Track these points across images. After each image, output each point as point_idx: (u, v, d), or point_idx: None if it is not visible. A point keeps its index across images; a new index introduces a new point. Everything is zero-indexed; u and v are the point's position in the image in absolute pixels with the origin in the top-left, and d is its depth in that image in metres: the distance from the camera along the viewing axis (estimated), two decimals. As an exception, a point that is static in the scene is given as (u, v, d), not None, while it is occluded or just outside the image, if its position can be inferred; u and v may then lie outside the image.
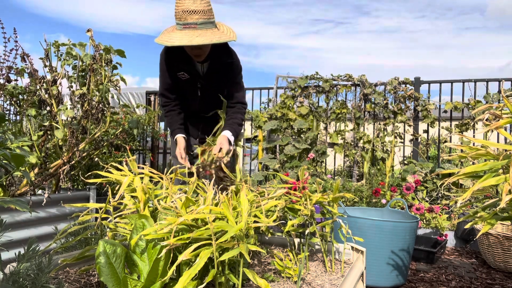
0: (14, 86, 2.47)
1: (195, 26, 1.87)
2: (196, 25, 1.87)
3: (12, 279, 0.93)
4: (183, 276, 0.94)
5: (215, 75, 2.18)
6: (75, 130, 2.41)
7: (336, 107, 4.72)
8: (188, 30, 1.88)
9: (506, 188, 1.09)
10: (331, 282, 1.36)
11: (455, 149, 1.36)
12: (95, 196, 2.60)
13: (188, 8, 1.86)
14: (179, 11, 1.89)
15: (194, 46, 1.96)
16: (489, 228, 1.23)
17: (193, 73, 2.17)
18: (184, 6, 1.86)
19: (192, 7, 1.86)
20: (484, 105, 1.92)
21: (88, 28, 2.48)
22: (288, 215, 1.55)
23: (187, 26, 1.88)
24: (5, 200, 0.96)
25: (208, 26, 1.90)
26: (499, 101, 4.04)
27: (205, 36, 1.87)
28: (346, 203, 3.69)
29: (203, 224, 1.09)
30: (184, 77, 2.18)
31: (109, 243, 1.03)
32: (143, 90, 6.16)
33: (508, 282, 2.54)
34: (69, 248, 1.52)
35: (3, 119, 1.02)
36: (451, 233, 3.52)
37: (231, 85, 2.24)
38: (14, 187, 2.21)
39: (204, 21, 1.89)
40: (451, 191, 3.73)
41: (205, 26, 1.89)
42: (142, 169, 1.40)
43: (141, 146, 5.48)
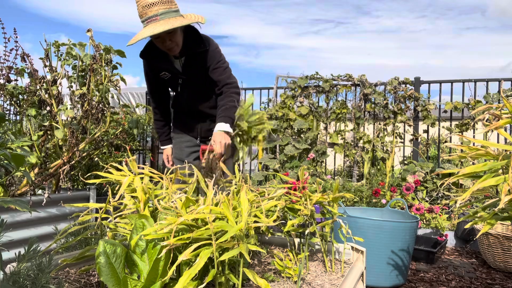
0: (14, 86, 2.47)
1: (156, 18, 1.88)
2: (157, 17, 1.88)
3: (13, 279, 0.93)
4: (183, 276, 0.94)
5: (193, 68, 2.15)
6: (75, 130, 2.41)
7: (336, 107, 4.73)
8: (151, 24, 1.88)
9: (505, 188, 1.09)
10: (331, 282, 1.36)
11: (455, 149, 1.36)
12: (95, 196, 2.60)
13: (146, 2, 1.87)
14: (140, 8, 1.90)
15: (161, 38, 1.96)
16: (489, 228, 1.23)
17: (173, 71, 2.17)
18: (143, 2, 1.88)
19: (150, 0, 1.87)
20: (484, 105, 1.92)
21: (88, 28, 2.48)
22: (288, 215, 1.55)
23: (150, 20, 1.89)
24: (5, 200, 0.96)
25: (170, 15, 1.90)
26: (499, 101, 4.04)
27: (166, 24, 1.86)
28: (346, 203, 3.69)
29: (203, 224, 1.09)
30: (166, 76, 2.19)
31: (109, 243, 1.03)
32: (143, 90, 6.16)
33: (508, 282, 2.54)
34: (69, 248, 1.52)
35: (3, 119, 1.02)
36: (451, 233, 3.52)
37: (212, 71, 2.15)
38: (14, 187, 2.21)
39: (165, 11, 1.89)
40: (451, 191, 3.73)
41: (167, 16, 1.89)
42: (142, 169, 1.41)
43: (141, 146, 5.48)
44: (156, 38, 1.97)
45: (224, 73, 2.15)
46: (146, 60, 2.18)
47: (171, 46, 2.01)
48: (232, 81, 2.17)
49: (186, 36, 2.07)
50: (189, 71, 2.16)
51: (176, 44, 2.02)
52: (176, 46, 2.02)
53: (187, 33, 2.08)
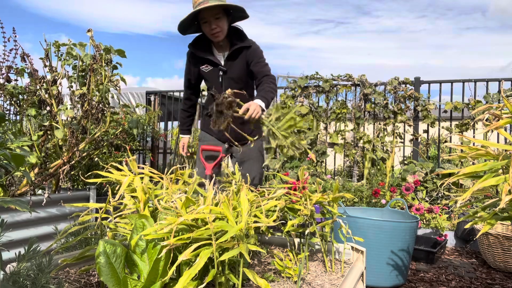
0: (14, 86, 2.47)
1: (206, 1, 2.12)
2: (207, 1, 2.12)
3: (13, 279, 0.93)
4: (183, 276, 0.94)
5: (234, 63, 2.30)
6: (75, 130, 2.41)
7: (336, 107, 4.72)
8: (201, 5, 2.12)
9: (506, 188, 1.09)
10: (331, 282, 1.36)
11: (455, 149, 1.36)
12: (95, 196, 2.60)
13: None
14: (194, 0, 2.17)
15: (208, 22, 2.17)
16: (489, 228, 1.23)
17: (215, 63, 2.32)
18: None
19: None
20: (484, 105, 1.92)
21: (88, 28, 2.48)
22: (288, 215, 1.55)
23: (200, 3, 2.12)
24: (5, 200, 0.96)
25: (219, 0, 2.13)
26: (499, 101, 4.04)
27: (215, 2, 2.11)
28: (346, 203, 3.69)
29: (203, 224, 1.09)
30: (207, 69, 2.34)
31: (109, 243, 1.03)
32: (143, 90, 6.16)
33: (508, 282, 2.54)
34: (69, 248, 1.52)
35: (3, 119, 1.02)
36: (451, 233, 3.52)
37: (254, 65, 2.28)
38: (14, 187, 2.21)
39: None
40: (451, 191, 3.73)
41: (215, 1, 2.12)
42: (142, 169, 1.41)
43: (141, 146, 5.49)
44: (204, 22, 2.20)
45: (265, 67, 2.30)
46: (194, 48, 2.34)
47: (217, 31, 2.20)
48: (272, 75, 2.29)
49: (231, 33, 2.29)
50: (230, 65, 2.31)
51: (221, 30, 2.21)
52: (221, 32, 2.21)
53: (233, 31, 2.30)
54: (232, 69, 2.32)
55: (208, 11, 2.15)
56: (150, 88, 6.27)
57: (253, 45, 2.31)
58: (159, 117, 5.73)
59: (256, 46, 2.33)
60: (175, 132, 5.43)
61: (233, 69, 2.32)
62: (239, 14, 2.28)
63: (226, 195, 1.16)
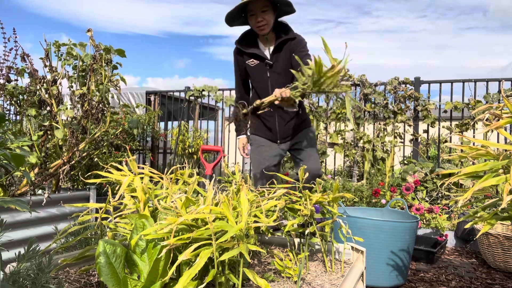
0: (14, 86, 2.47)
1: None
2: None
3: (12, 279, 0.93)
4: (183, 276, 0.94)
5: (280, 56, 2.33)
6: (75, 130, 2.41)
7: (336, 107, 4.72)
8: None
9: (507, 188, 1.09)
10: (331, 282, 1.36)
11: (455, 149, 1.36)
12: (95, 196, 2.60)
13: None
14: None
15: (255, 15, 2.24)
16: (489, 228, 1.23)
17: (261, 57, 2.36)
18: None
19: None
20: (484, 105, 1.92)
21: (88, 28, 2.48)
22: (288, 215, 1.55)
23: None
24: (5, 200, 0.96)
25: None
26: (499, 101, 4.04)
27: None
28: (346, 203, 3.69)
29: (203, 224, 1.09)
30: (253, 63, 2.38)
31: (109, 243, 1.03)
32: (143, 90, 6.16)
33: (508, 282, 2.53)
34: (69, 248, 1.52)
35: (3, 119, 1.02)
36: (451, 233, 3.52)
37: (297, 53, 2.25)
38: (14, 187, 2.21)
39: None
40: (451, 191, 3.73)
41: None
42: (142, 169, 1.40)
43: (141, 146, 5.49)
44: (251, 14, 2.26)
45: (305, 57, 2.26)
46: (239, 44, 2.39)
47: (262, 24, 2.26)
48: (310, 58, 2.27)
49: (277, 27, 2.34)
50: (276, 58, 2.34)
51: (267, 23, 2.26)
52: (266, 25, 2.27)
53: (279, 25, 2.35)
54: (278, 63, 2.34)
55: (256, 3, 2.21)
56: (150, 88, 6.27)
57: (298, 37, 2.33)
58: (159, 117, 5.73)
59: (301, 38, 2.35)
60: (175, 132, 5.43)
61: (279, 63, 2.34)
62: (285, 9, 2.31)
63: (226, 195, 1.16)
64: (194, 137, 5.37)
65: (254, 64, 2.38)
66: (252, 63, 2.39)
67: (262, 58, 2.35)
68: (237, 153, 5.47)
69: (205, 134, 5.55)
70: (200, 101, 5.45)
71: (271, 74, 2.36)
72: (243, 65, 2.43)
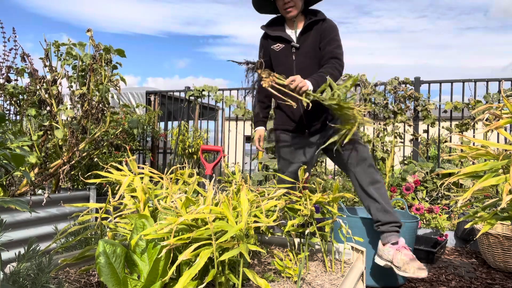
0: (14, 86, 2.47)
1: None
2: None
3: (12, 279, 0.93)
4: (183, 276, 0.94)
5: (307, 39, 2.19)
6: (75, 130, 2.41)
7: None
8: None
9: (506, 188, 1.09)
10: (331, 282, 1.36)
11: (455, 149, 1.36)
12: (95, 196, 2.60)
13: None
14: None
15: None
16: (489, 228, 1.23)
17: (288, 40, 2.22)
18: None
19: None
20: (484, 105, 1.92)
21: (88, 28, 2.48)
22: (288, 215, 1.55)
23: None
24: (5, 200, 0.96)
25: None
26: (499, 101, 4.04)
27: None
28: (346, 203, 3.69)
29: (203, 224, 1.09)
30: (278, 47, 2.25)
31: (109, 243, 1.03)
32: (143, 90, 6.17)
33: (508, 282, 2.53)
34: (69, 248, 1.52)
35: (3, 119, 1.02)
36: (451, 233, 3.51)
37: (326, 43, 2.16)
38: (14, 187, 2.21)
39: None
40: (451, 191, 3.73)
41: None
42: (142, 169, 1.40)
43: (141, 146, 5.49)
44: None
45: (337, 49, 2.15)
46: (266, 28, 2.30)
47: (290, 6, 2.15)
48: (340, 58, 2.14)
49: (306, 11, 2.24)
50: (303, 41, 2.20)
51: (295, 5, 2.16)
52: (294, 7, 2.16)
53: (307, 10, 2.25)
54: (305, 45, 2.20)
55: None
56: (150, 88, 6.27)
57: (328, 21, 2.20)
58: (159, 117, 5.73)
59: (333, 23, 2.21)
60: (175, 132, 5.43)
61: (306, 45, 2.20)
62: None
63: (226, 195, 1.16)
64: (194, 137, 5.37)
65: (279, 48, 2.24)
66: (277, 48, 2.25)
67: (288, 41, 2.22)
68: (237, 153, 5.48)
69: (205, 134, 5.56)
70: (200, 101, 5.45)
71: (297, 57, 2.20)
72: (267, 51, 2.29)
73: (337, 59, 2.12)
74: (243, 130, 5.20)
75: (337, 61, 2.11)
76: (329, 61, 2.11)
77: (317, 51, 2.19)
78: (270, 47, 2.28)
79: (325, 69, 2.06)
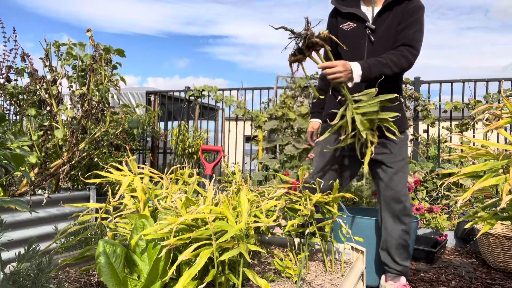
0: (14, 86, 2.47)
1: None
2: None
3: (12, 279, 0.93)
4: (183, 276, 0.94)
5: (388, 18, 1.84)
6: (75, 130, 2.41)
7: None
8: None
9: (506, 188, 1.09)
10: (331, 282, 1.36)
11: (455, 149, 1.36)
12: (95, 196, 2.60)
13: None
14: None
15: None
16: (489, 228, 1.23)
17: (361, 19, 1.87)
18: None
19: None
20: (484, 105, 1.92)
21: (88, 28, 2.48)
22: (288, 215, 1.55)
23: None
24: (5, 200, 0.96)
25: None
26: (499, 101, 4.04)
27: None
28: (346, 203, 3.69)
29: (203, 224, 1.09)
30: (348, 27, 1.90)
31: (109, 243, 1.03)
32: (143, 90, 6.17)
33: (508, 282, 2.53)
34: (69, 248, 1.52)
35: (3, 119, 1.02)
36: (451, 233, 3.52)
37: (403, 28, 1.80)
38: (14, 187, 2.21)
39: None
40: (451, 191, 3.73)
41: None
42: (142, 169, 1.40)
43: (141, 146, 5.49)
44: None
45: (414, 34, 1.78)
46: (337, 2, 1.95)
47: None
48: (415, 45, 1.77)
49: None
50: (381, 22, 1.84)
51: None
52: None
53: None
54: (382, 27, 1.83)
55: None
56: (150, 88, 6.27)
57: (416, 1, 1.82)
58: (159, 117, 5.73)
59: (420, 3, 1.83)
60: (175, 132, 5.44)
61: (384, 27, 1.83)
62: None
63: (226, 195, 1.16)
64: (194, 137, 5.37)
65: (350, 27, 1.88)
66: (347, 27, 1.89)
67: (362, 19, 1.85)
68: (237, 153, 5.48)
69: (205, 134, 5.56)
70: (200, 101, 5.45)
71: (371, 41, 1.85)
72: (335, 31, 1.92)
73: (410, 46, 1.77)
74: (243, 130, 5.20)
75: (408, 49, 1.76)
76: (399, 48, 1.77)
77: (393, 33, 1.84)
78: (339, 27, 1.92)
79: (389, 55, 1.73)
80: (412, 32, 1.78)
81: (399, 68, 1.73)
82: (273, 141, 4.82)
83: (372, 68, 1.68)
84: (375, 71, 1.68)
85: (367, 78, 1.69)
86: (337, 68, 1.62)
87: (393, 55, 1.73)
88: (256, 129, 4.98)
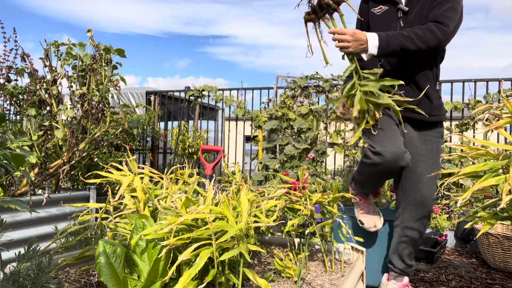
0: (14, 86, 2.47)
1: None
2: None
3: (12, 279, 0.93)
4: (183, 276, 0.94)
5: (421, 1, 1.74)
6: (75, 130, 2.41)
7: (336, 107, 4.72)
8: None
9: (506, 188, 1.09)
10: (331, 282, 1.36)
11: (455, 149, 1.36)
12: (95, 196, 2.60)
13: None
14: None
15: None
16: (489, 228, 1.23)
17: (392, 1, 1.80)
18: None
19: None
20: (484, 105, 1.91)
21: (89, 28, 2.48)
22: (288, 215, 1.55)
23: None
24: (5, 200, 0.96)
25: None
26: (499, 101, 4.04)
27: None
28: (346, 203, 3.69)
29: (203, 224, 1.09)
30: (380, 10, 1.82)
31: (109, 243, 1.03)
32: (143, 90, 6.17)
33: (508, 282, 2.53)
34: (69, 248, 1.52)
35: (3, 119, 1.02)
36: (451, 233, 3.51)
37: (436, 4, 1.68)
38: (14, 187, 2.21)
39: None
40: (451, 191, 3.73)
41: None
42: (142, 169, 1.40)
43: (141, 146, 5.49)
44: None
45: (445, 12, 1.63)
46: None
47: None
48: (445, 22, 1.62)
49: None
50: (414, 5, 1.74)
51: None
52: None
53: None
54: (415, 9, 1.74)
55: None
56: (150, 88, 6.27)
57: None
58: (159, 117, 5.73)
59: None
60: (175, 132, 5.44)
61: (416, 9, 1.73)
62: None
63: (226, 195, 1.16)
64: (194, 137, 5.37)
65: (381, 11, 1.80)
66: (378, 11, 1.81)
67: (395, 2, 1.78)
68: (237, 153, 5.48)
69: (205, 134, 5.56)
70: (200, 101, 5.45)
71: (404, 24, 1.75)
72: (366, 16, 1.85)
73: (439, 23, 1.62)
74: (243, 130, 5.20)
75: (436, 25, 1.61)
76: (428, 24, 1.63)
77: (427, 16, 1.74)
78: (370, 11, 1.85)
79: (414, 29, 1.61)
80: (443, 9, 1.65)
81: (424, 43, 1.59)
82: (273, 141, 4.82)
83: (392, 40, 1.58)
84: (395, 43, 1.58)
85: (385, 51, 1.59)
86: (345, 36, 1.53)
87: (419, 29, 1.62)
88: (256, 129, 4.98)
